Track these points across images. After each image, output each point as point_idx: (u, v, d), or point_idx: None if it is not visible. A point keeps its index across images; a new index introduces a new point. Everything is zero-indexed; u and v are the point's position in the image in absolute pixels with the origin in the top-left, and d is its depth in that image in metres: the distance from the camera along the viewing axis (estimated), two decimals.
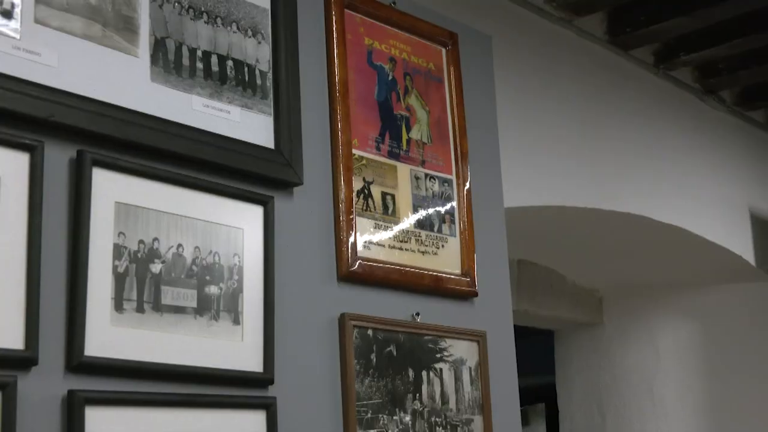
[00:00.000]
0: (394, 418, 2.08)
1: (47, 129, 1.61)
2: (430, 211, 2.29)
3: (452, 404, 2.21)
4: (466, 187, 2.38)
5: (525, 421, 2.34)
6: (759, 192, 4.21)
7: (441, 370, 2.20)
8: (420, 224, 2.26)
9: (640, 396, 4.45)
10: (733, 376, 4.31)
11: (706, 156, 3.96)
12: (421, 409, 2.14)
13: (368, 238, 2.13)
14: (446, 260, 2.29)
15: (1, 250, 1.52)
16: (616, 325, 4.56)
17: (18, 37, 1.61)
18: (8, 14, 1.61)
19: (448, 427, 2.19)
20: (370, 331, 2.07)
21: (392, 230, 2.19)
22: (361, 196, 2.14)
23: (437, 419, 2.17)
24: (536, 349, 4.63)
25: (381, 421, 2.05)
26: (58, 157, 1.63)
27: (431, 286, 2.23)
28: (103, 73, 1.72)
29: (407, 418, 2.11)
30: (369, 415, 2.03)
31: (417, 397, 2.14)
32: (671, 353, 4.44)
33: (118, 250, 1.67)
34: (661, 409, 4.40)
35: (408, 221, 2.23)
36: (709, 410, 4.35)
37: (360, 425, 2.00)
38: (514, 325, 2.49)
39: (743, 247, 4.02)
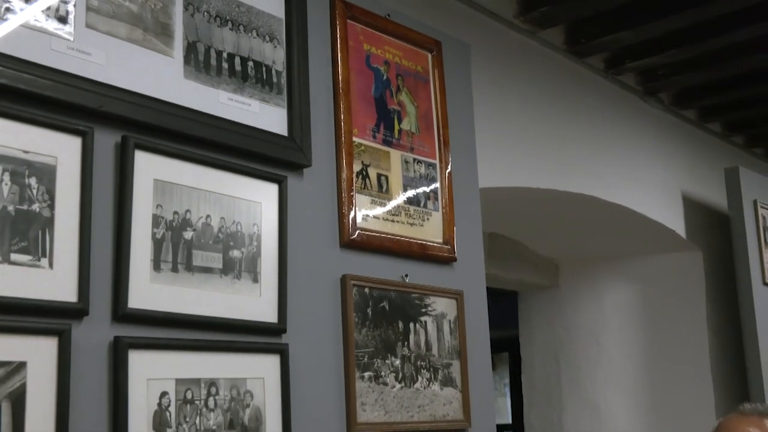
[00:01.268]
0: (386, 361, 2.08)
1: (97, 117, 1.60)
2: (418, 189, 2.29)
3: (435, 351, 2.21)
4: (448, 170, 2.38)
5: (493, 366, 2.35)
6: (689, 177, 4.22)
7: (425, 322, 2.21)
8: (409, 201, 2.25)
9: (588, 346, 4.48)
10: (665, 329, 4.33)
11: (647, 147, 3.96)
12: (408, 354, 2.14)
13: (366, 212, 2.12)
14: (431, 231, 2.29)
15: (58, 219, 1.52)
16: (570, 288, 4.58)
17: (72, 39, 1.60)
18: (64, 20, 1.59)
19: (431, 369, 2.19)
20: (366, 290, 2.07)
21: (386, 205, 2.19)
22: (360, 177, 2.13)
23: (422, 363, 2.17)
24: (503, 307, 4.64)
25: (375, 365, 2.05)
26: (106, 141, 1.62)
27: (418, 252, 2.23)
28: (143, 71, 1.70)
29: (397, 362, 2.11)
30: (366, 360, 2.03)
31: (405, 345, 2.14)
32: (614, 311, 4.46)
33: (156, 220, 1.67)
34: (605, 356, 4.43)
35: (399, 198, 2.23)
36: (645, 357, 4.38)
37: (358, 368, 2.00)
38: (486, 287, 2.50)
39: (675, 222, 4.03)
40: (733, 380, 4.12)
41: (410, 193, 2.26)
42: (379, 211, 2.16)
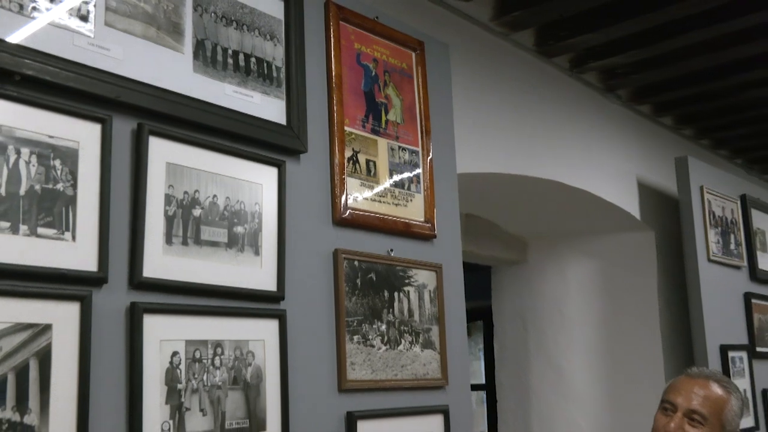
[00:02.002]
0: (373, 326, 2.09)
1: (114, 106, 1.60)
2: (402, 174, 2.28)
3: (416, 317, 2.22)
4: (429, 157, 2.38)
5: (468, 333, 2.37)
6: (643, 165, 4.23)
7: (408, 292, 2.21)
8: (394, 183, 2.25)
9: (552, 314, 4.49)
10: (620, 300, 4.35)
11: (606, 138, 3.97)
12: (393, 320, 2.15)
13: (356, 194, 2.12)
14: (413, 211, 2.29)
15: (80, 197, 1.52)
16: (537, 263, 4.59)
17: (92, 36, 1.59)
18: (85, 18, 1.59)
19: (413, 333, 2.20)
20: (356, 262, 2.07)
21: (374, 188, 2.18)
22: (351, 162, 2.13)
23: (405, 328, 2.18)
24: (478, 280, 4.66)
25: (363, 329, 2.06)
26: (123, 127, 1.62)
27: (402, 230, 2.23)
28: (156, 65, 1.70)
29: (383, 327, 2.12)
30: (355, 324, 2.04)
31: (390, 312, 2.14)
32: (576, 283, 4.47)
33: (168, 199, 1.67)
34: (567, 323, 4.44)
35: (385, 181, 2.23)
36: (602, 324, 4.40)
37: (348, 331, 2.01)
38: (462, 261, 2.50)
39: (631, 205, 4.04)
40: (679, 345, 4.15)
41: (395, 177, 2.26)
42: (367, 192, 2.16)
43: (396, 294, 2.17)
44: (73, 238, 1.49)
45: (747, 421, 3.85)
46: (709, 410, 1.97)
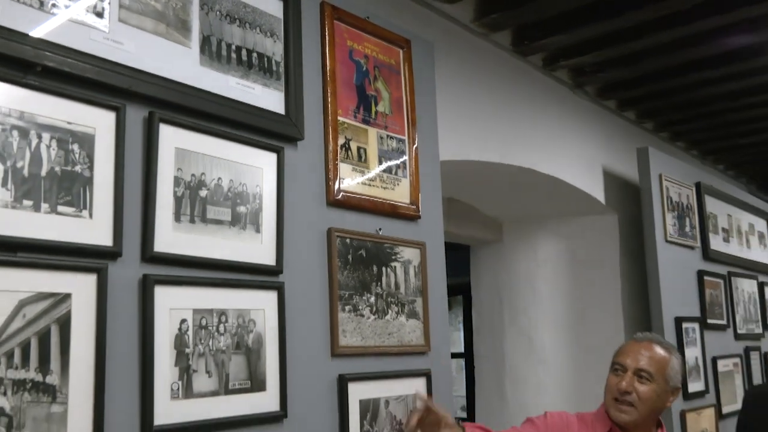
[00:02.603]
0: (363, 298, 2.09)
1: (128, 95, 1.59)
2: (390, 160, 2.28)
3: (402, 290, 2.23)
4: (415, 145, 2.37)
5: (449, 306, 2.37)
6: (608, 154, 4.24)
7: (395, 267, 2.21)
8: (383, 169, 2.24)
9: (525, 289, 4.50)
10: (586, 276, 4.36)
11: (575, 129, 3.98)
12: (381, 292, 2.15)
13: (348, 178, 2.12)
14: (400, 194, 2.28)
15: (96, 178, 1.51)
16: (511, 242, 4.59)
17: (107, 31, 1.58)
18: (100, 15, 1.57)
19: (399, 304, 2.20)
20: (348, 240, 2.07)
21: (364, 173, 2.18)
22: (344, 149, 2.12)
23: (392, 300, 2.18)
24: (458, 258, 4.66)
25: (354, 300, 2.06)
26: (136, 115, 1.61)
27: (390, 211, 2.23)
28: (166, 58, 1.69)
29: (372, 299, 2.12)
30: (346, 297, 2.04)
31: (378, 285, 2.15)
32: (546, 261, 4.49)
33: (177, 181, 1.66)
34: (538, 297, 4.46)
35: (375, 167, 2.22)
36: (569, 298, 4.42)
37: (340, 302, 2.01)
38: (444, 241, 2.50)
39: (596, 191, 4.05)
40: (638, 317, 4.18)
41: (384, 163, 2.25)
42: (358, 177, 2.15)
43: (384, 269, 2.17)
44: (90, 215, 1.48)
45: (697, 385, 3.90)
46: (654, 368, 2.01)
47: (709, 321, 4.14)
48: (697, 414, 3.74)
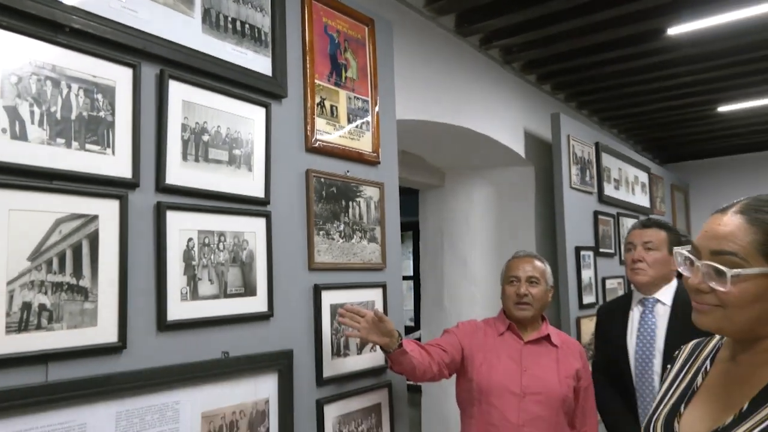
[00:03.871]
0: (334, 225, 2.11)
1: (142, 55, 1.55)
2: (356, 117, 2.27)
3: (365, 220, 2.25)
4: (377, 106, 2.36)
5: (401, 240, 2.41)
6: (528, 118, 4.29)
7: (359, 201, 2.23)
8: (351, 124, 2.24)
9: (461, 225, 4.58)
10: (509, 215, 4.45)
11: (503, 97, 4.00)
12: (348, 221, 2.17)
13: (322, 130, 2.11)
14: (364, 144, 2.28)
15: (117, 122, 1.48)
16: (451, 187, 4.64)
17: (124, 0, 1.53)
18: None
19: (362, 231, 2.23)
20: (322, 179, 2.08)
21: (335, 126, 2.17)
22: (319, 106, 2.11)
23: (356, 227, 2.21)
24: (409, 200, 4.70)
25: (327, 227, 2.08)
26: (149, 72, 1.57)
27: (356, 157, 2.23)
28: (174, 26, 1.64)
29: (341, 226, 2.14)
30: (321, 224, 2.05)
31: (346, 215, 2.16)
32: (478, 202, 4.55)
33: (183, 127, 1.64)
34: (471, 230, 4.54)
35: (344, 122, 2.20)
36: (495, 231, 4.51)
37: (316, 228, 2.03)
38: (399, 185, 2.51)
39: (518, 147, 4.11)
40: (547, 246, 4.31)
41: (351, 119, 2.24)
42: (331, 129, 2.15)
43: (350, 203, 2.18)
44: (113, 152, 1.47)
45: (590, 298, 4.05)
46: (539, 274, 2.16)
47: (601, 250, 4.28)
48: (590, 320, 3.91)
